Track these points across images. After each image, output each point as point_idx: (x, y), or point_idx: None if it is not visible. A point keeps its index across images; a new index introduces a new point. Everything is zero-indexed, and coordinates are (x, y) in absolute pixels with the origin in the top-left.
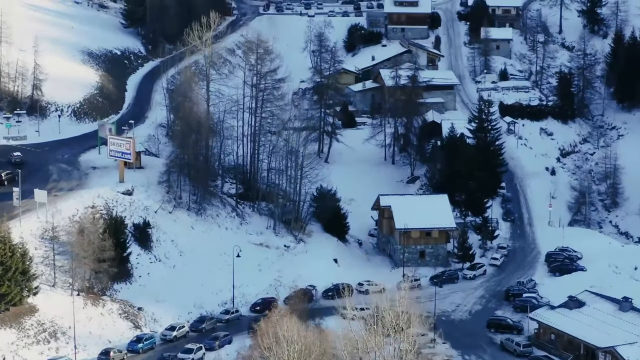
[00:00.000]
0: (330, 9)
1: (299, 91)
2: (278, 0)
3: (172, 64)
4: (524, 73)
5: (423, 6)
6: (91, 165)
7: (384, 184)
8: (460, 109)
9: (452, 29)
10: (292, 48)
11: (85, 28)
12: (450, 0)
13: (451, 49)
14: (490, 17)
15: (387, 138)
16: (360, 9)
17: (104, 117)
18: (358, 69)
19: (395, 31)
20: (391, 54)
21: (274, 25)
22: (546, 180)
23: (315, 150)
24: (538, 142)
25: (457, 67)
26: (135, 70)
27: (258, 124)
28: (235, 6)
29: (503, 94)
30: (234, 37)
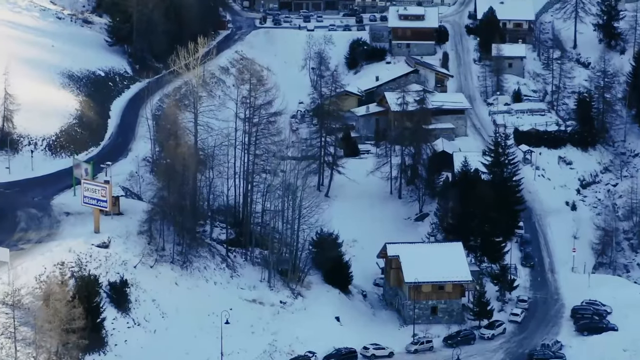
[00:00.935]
0: (330, 21)
1: (297, 114)
2: (275, 12)
3: (161, 86)
4: (539, 93)
5: (429, 20)
6: (65, 211)
7: (389, 222)
8: (471, 135)
9: (461, 44)
10: (290, 65)
11: (67, 47)
12: (458, 12)
13: (460, 67)
14: (501, 31)
15: (392, 169)
16: (363, 21)
17: (83, 150)
18: (361, 91)
19: (400, 47)
20: (396, 74)
21: (271, 40)
22: (567, 217)
23: (315, 183)
24: (556, 172)
25: (467, 87)
26: (120, 92)
27: (251, 161)
28: (230, 19)
29: (517, 117)
30: (228, 54)
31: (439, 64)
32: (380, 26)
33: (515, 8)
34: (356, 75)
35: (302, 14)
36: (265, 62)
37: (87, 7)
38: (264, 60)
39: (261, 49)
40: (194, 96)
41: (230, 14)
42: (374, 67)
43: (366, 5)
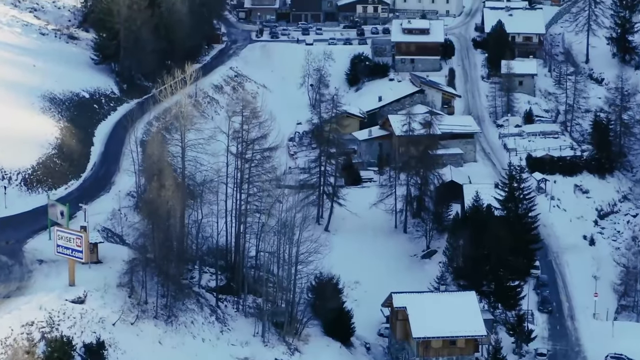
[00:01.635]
0: (330, 34)
1: (295, 137)
2: (272, 24)
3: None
4: (551, 113)
5: (435, 34)
6: (38, 258)
7: (394, 260)
8: (481, 160)
9: (468, 59)
10: (288, 81)
11: (50, 66)
12: (464, 24)
13: (467, 84)
14: (510, 47)
15: (397, 201)
16: (364, 34)
17: (62, 184)
18: (363, 112)
19: (404, 62)
20: (400, 93)
21: (267, 55)
22: (585, 254)
23: (314, 216)
24: (572, 202)
25: (475, 106)
26: (106, 116)
27: (244, 201)
28: (226, 31)
29: (529, 140)
30: (222, 71)
31: (445, 81)
32: (382, 40)
33: (524, 21)
34: (357, 93)
35: (300, 26)
36: (261, 78)
37: (72, 22)
38: (260, 76)
39: (257, 65)
40: (181, 130)
41: (226, 26)
42: (377, 84)
43: (367, 17)
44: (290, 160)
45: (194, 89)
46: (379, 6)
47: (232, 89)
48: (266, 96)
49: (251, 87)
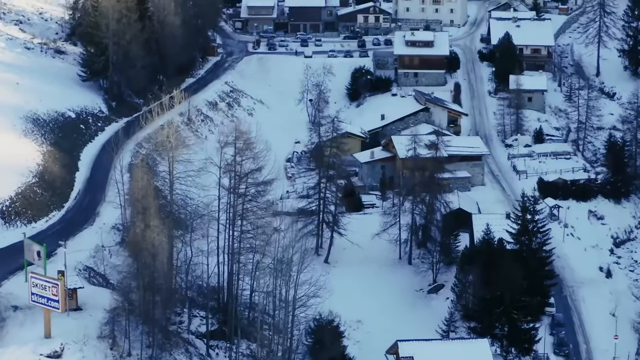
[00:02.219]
0: (330, 45)
1: (292, 157)
2: (270, 34)
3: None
4: (562, 131)
5: (439, 47)
6: (12, 304)
7: (399, 295)
8: (489, 184)
9: (474, 72)
10: (286, 96)
11: (34, 83)
12: (469, 35)
13: (474, 100)
14: (519, 60)
15: (401, 231)
16: (365, 46)
17: (43, 216)
18: (364, 132)
19: (407, 76)
20: (404, 111)
21: (264, 68)
22: (602, 288)
23: (313, 246)
24: (587, 229)
25: (483, 124)
26: (93, 137)
27: (237, 239)
28: (221, 42)
29: (540, 162)
30: (216, 86)
31: (451, 97)
32: (384, 52)
33: (532, 32)
34: (359, 109)
35: (299, 37)
36: (257, 93)
37: (60, 35)
38: (256, 91)
39: (254, 79)
40: (169, 162)
41: (221, 37)
42: (379, 100)
43: (369, 27)
44: (287, 182)
45: (187, 106)
46: (381, 16)
47: (227, 106)
48: (263, 113)
49: (247, 103)
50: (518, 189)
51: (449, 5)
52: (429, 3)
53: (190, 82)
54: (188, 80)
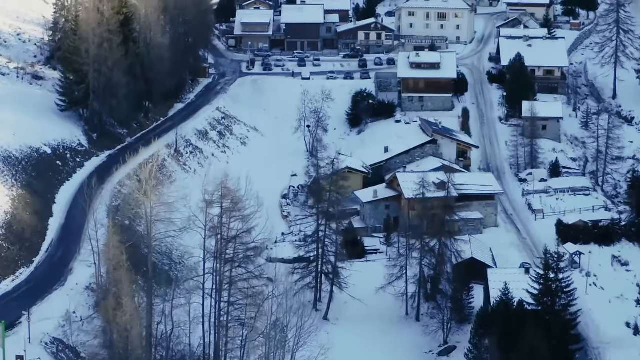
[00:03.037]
0: (329, 65)
1: (289, 193)
2: (265, 53)
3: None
4: (578, 162)
5: (446, 69)
6: None
7: (405, 356)
8: (502, 225)
9: (482, 96)
10: (282, 122)
11: (8, 114)
12: (477, 53)
13: (484, 127)
14: (531, 84)
15: (408, 283)
16: (367, 65)
17: (9, 274)
18: (367, 167)
19: (412, 100)
20: (409, 140)
21: (259, 91)
22: (631, 349)
23: (311, 300)
24: (610, 277)
25: (494, 155)
26: (71, 174)
27: (224, 311)
28: (213, 62)
29: (557, 199)
30: (207, 112)
31: (459, 123)
32: (387, 73)
33: (545, 52)
34: (360, 137)
35: (296, 56)
36: (252, 119)
37: (39, 58)
38: (250, 117)
39: (247, 103)
40: (147, 222)
41: (213, 56)
42: (382, 126)
43: (370, 45)
44: (283, 222)
45: (174, 136)
46: (383, 33)
47: (219, 135)
48: (257, 142)
49: (240, 130)
50: (534, 230)
51: (455, 21)
52: (434, 19)
53: (179, 108)
54: (177, 105)
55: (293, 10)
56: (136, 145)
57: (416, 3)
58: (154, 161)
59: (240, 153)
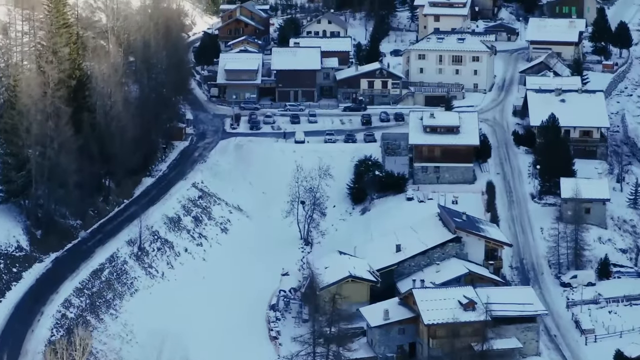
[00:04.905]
0: (327, 120)
1: (278, 302)
2: (252, 104)
3: (75, 265)
4: (629, 253)
5: (466, 134)
6: None
7: None
8: (545, 351)
9: (509, 162)
10: (271, 199)
11: None
12: (498, 104)
13: (512, 207)
14: (566, 148)
15: None
16: (371, 122)
17: None
18: (374, 272)
19: (426, 171)
20: (427, 241)
21: (244, 159)
22: None
23: None
24: None
25: (527, 248)
26: (3, 292)
27: None
28: (192, 117)
29: (610, 311)
30: (181, 191)
31: (483, 202)
32: (395, 134)
33: (582, 109)
34: (364, 218)
35: (288, 109)
36: (235, 196)
37: None
38: (233, 193)
39: (230, 176)
40: None
41: (192, 109)
42: (390, 205)
43: (374, 95)
44: (270, 346)
45: (138, 228)
46: (389, 80)
47: (194, 221)
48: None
49: (221, 212)
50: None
51: (473, 66)
52: (447, 63)
53: (147, 185)
54: (145, 181)
55: (285, 55)
56: (91, 241)
57: (427, 44)
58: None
59: (221, 244)
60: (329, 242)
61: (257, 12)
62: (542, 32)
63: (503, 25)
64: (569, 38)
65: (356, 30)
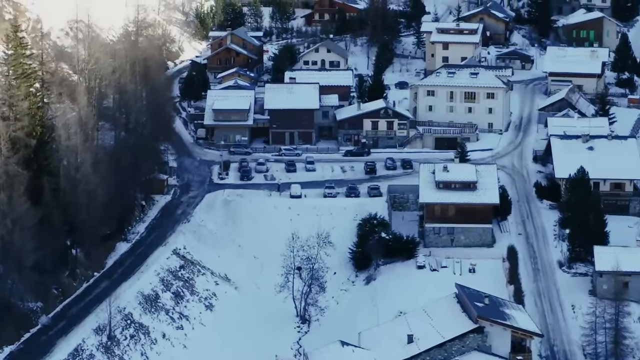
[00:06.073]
0: (327, 168)
1: None
2: (243, 148)
3: None
4: None
5: (485, 190)
6: None
7: None
8: None
9: (531, 220)
10: (264, 266)
11: None
12: (515, 148)
13: (538, 277)
14: (597, 203)
15: None
16: (376, 171)
17: None
18: None
19: (439, 233)
20: (445, 332)
21: (233, 217)
22: None
23: None
24: None
25: (558, 332)
26: None
27: None
28: (175, 165)
29: None
30: (160, 261)
31: (504, 271)
32: (403, 186)
33: (612, 158)
34: (369, 289)
35: (283, 154)
36: (221, 263)
37: None
38: (219, 259)
39: (217, 238)
40: None
41: (177, 153)
42: (398, 273)
43: (379, 136)
44: None
45: (107, 308)
46: (395, 121)
47: (174, 298)
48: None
49: (205, 284)
50: None
51: (487, 103)
52: (459, 100)
53: (122, 252)
54: (119, 247)
55: (280, 92)
56: (53, 329)
57: (437, 79)
58: None
59: (205, 325)
60: (329, 321)
61: (249, 40)
62: (561, 62)
63: (517, 53)
64: (590, 69)
65: (357, 59)
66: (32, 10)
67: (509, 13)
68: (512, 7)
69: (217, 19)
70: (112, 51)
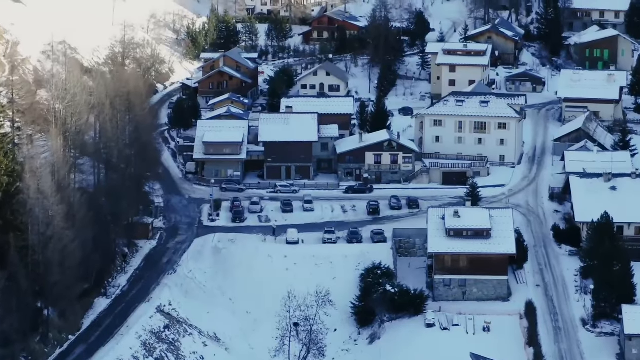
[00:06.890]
0: (326, 206)
1: None
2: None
3: None
4: None
5: (500, 238)
6: None
7: None
8: None
9: (549, 267)
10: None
11: None
12: (530, 183)
13: (559, 337)
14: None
15: None
16: (379, 212)
17: None
18: None
19: (449, 286)
20: None
21: (224, 267)
22: None
23: None
24: None
25: None
26: None
27: None
28: (162, 203)
29: None
30: (143, 319)
31: (522, 329)
32: (408, 230)
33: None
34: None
35: (279, 191)
36: (211, 321)
37: None
38: (209, 317)
39: (205, 292)
40: None
41: (164, 190)
42: (405, 331)
43: (382, 171)
44: None
45: None
46: (400, 154)
47: None
48: None
49: (192, 346)
50: None
51: (499, 134)
52: (469, 131)
53: (100, 310)
54: (98, 303)
55: (276, 123)
56: None
57: (444, 108)
58: None
59: None
60: None
61: (243, 63)
62: (576, 87)
63: (527, 74)
64: (608, 95)
65: (358, 81)
66: (11, 32)
67: (518, 30)
68: (520, 22)
69: (210, 38)
70: (91, 87)
